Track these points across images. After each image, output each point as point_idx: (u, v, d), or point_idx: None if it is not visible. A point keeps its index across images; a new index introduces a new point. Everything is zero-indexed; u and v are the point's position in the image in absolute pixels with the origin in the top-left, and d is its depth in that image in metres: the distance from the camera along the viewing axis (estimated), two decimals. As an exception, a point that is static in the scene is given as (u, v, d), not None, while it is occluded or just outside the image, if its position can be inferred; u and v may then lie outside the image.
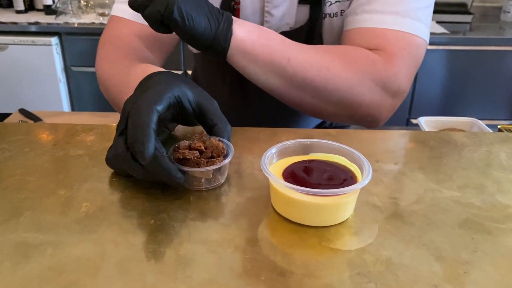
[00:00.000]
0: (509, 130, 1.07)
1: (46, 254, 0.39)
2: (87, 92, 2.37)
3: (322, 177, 0.45)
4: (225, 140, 0.50)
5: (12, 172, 0.51)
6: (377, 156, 0.56)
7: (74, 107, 2.42)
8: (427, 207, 0.46)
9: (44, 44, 2.21)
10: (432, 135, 0.63)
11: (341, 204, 0.43)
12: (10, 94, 2.31)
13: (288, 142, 0.48)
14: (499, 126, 1.22)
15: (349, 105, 0.64)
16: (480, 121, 1.26)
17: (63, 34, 2.25)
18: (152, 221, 0.43)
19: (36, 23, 2.25)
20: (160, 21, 0.55)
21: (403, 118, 2.33)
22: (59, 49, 2.27)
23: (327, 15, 0.73)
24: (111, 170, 0.51)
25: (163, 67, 0.72)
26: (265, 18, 0.75)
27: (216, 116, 0.52)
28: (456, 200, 0.47)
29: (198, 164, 0.46)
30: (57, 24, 2.25)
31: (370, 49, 0.65)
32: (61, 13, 2.32)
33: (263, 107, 0.86)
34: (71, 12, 2.33)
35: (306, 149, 0.49)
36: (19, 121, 1.04)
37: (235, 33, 0.59)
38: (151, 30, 0.62)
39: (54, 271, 0.37)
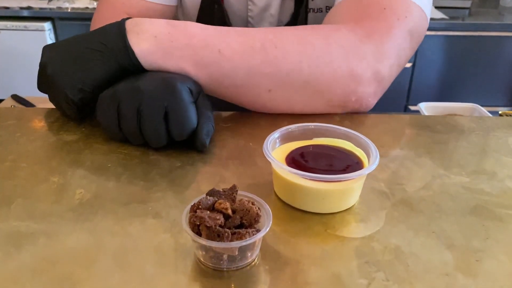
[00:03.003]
0: (511, 116, 1.05)
1: (39, 243, 0.37)
2: (81, 79, 2.33)
3: (327, 162, 0.43)
4: (259, 201, 0.37)
5: (3, 158, 0.49)
6: (382, 141, 0.54)
7: (68, 94, 2.38)
8: (435, 193, 0.45)
9: (37, 30, 2.17)
10: (438, 119, 0.62)
11: (347, 191, 0.41)
12: (2, 80, 2.27)
13: (292, 127, 0.46)
14: (500, 112, 1.20)
15: (321, 84, 0.54)
16: (481, 107, 1.25)
17: (56, 19, 2.21)
18: (150, 208, 0.41)
19: (28, 7, 2.19)
20: (68, 101, 0.52)
21: (401, 105, 2.31)
22: (52, 35, 2.23)
23: (311, 10, 0.72)
24: (107, 156, 0.49)
25: None
26: (249, 7, 0.75)
27: (204, 107, 0.50)
28: (465, 186, 0.46)
29: (219, 236, 0.34)
30: (50, 9, 2.20)
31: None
32: (54, -3, 2.27)
33: None
34: (64, -4, 2.28)
35: (310, 134, 0.47)
36: (11, 107, 1.02)
37: (132, 43, 0.50)
38: (145, 12, 0.60)
39: (47, 262, 0.35)
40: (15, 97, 1.18)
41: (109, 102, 0.49)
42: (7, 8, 2.19)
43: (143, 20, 0.52)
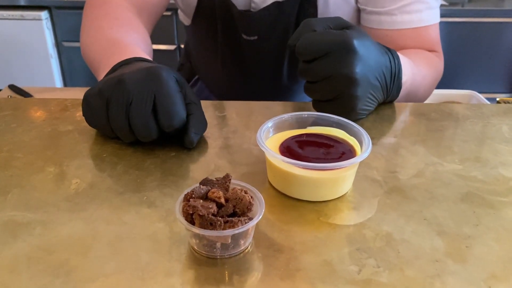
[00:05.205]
0: (508, 103, 1.05)
1: (34, 233, 0.37)
2: (79, 68, 2.32)
3: (320, 151, 0.43)
4: (252, 189, 0.38)
5: (-1, 149, 0.49)
6: (376, 129, 0.55)
7: (67, 83, 2.38)
8: (428, 181, 0.45)
9: (34, 19, 2.16)
10: (433, 107, 0.62)
11: (339, 179, 0.42)
12: None
13: (285, 116, 0.47)
14: (497, 99, 1.20)
15: (429, 89, 0.73)
16: (479, 94, 1.24)
17: (53, 8, 2.19)
18: (145, 197, 0.42)
19: (25, -4, 2.18)
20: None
21: (400, 92, 2.30)
22: (49, 24, 2.21)
23: None
24: (102, 146, 0.50)
25: (150, 36, 0.70)
26: None
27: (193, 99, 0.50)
28: (457, 174, 0.46)
29: (212, 225, 0.34)
30: (47, -3, 2.19)
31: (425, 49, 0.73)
32: (50, -14, 2.25)
33: (256, 79, 0.84)
34: (60, -15, 2.26)
35: (303, 123, 0.47)
36: (8, 97, 1.02)
37: (404, 84, 0.60)
38: None
39: (43, 251, 0.35)
40: (13, 87, 1.17)
41: (97, 100, 0.48)
42: (3, -3, 2.18)
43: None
